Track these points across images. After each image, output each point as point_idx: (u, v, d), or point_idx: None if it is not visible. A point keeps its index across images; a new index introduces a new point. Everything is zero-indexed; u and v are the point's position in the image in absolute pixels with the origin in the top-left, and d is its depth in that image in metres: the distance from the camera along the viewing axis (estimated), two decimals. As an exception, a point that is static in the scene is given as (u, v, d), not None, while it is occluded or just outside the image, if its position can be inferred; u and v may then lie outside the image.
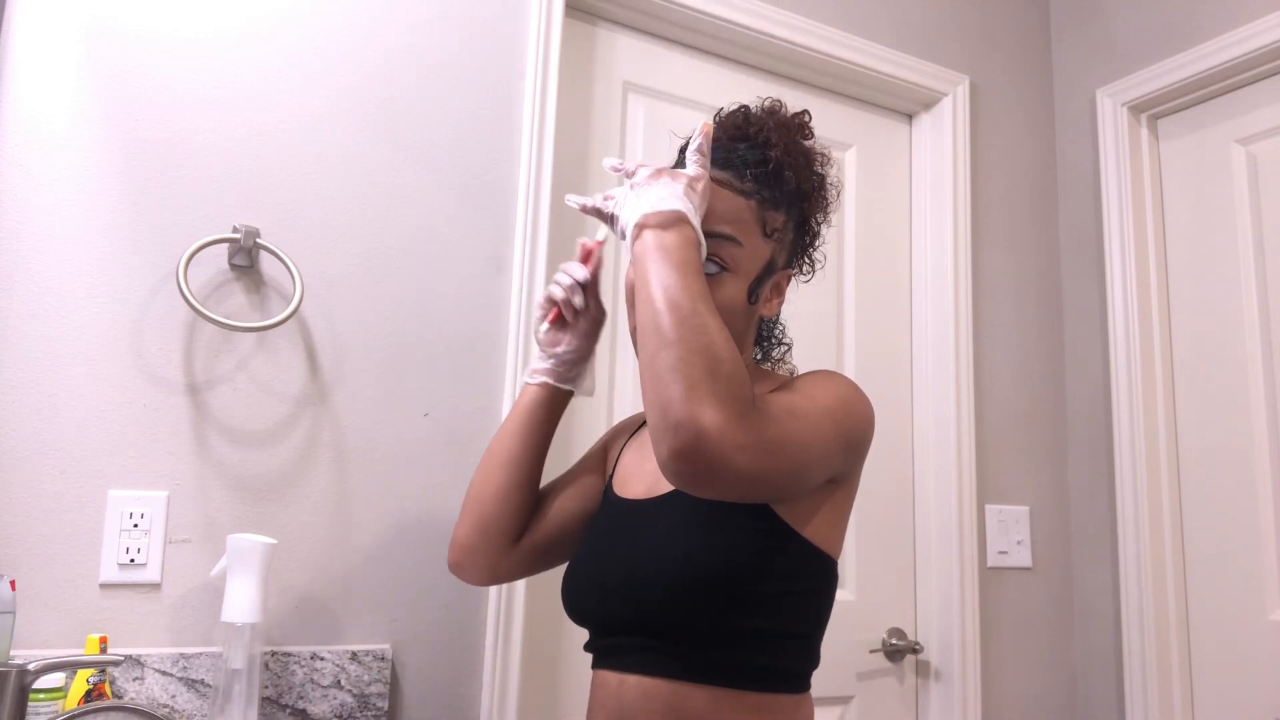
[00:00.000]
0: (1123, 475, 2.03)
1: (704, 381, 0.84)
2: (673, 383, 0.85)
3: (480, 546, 1.15)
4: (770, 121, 1.08)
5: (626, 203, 1.00)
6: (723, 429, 0.83)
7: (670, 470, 0.85)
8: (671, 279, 0.91)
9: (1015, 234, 2.21)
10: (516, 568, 1.18)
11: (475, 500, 1.16)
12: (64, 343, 1.26)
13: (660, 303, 0.89)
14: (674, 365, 0.85)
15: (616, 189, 1.03)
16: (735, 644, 0.97)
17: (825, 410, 0.97)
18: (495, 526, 1.15)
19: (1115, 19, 2.21)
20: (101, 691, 1.15)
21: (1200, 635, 1.94)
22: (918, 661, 1.99)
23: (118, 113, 1.33)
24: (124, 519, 1.26)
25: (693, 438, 0.83)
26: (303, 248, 1.42)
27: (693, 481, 0.86)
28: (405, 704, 1.41)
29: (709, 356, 0.86)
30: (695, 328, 0.88)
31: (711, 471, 0.84)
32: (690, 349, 0.86)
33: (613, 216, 1.02)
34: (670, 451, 0.84)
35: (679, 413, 0.83)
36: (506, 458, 1.16)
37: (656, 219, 0.95)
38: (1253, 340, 1.92)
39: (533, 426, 1.16)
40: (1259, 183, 1.95)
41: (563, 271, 1.15)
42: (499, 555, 1.16)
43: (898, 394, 2.08)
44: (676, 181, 0.98)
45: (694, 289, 0.91)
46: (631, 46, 1.85)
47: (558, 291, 1.14)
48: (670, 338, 0.87)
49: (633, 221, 0.97)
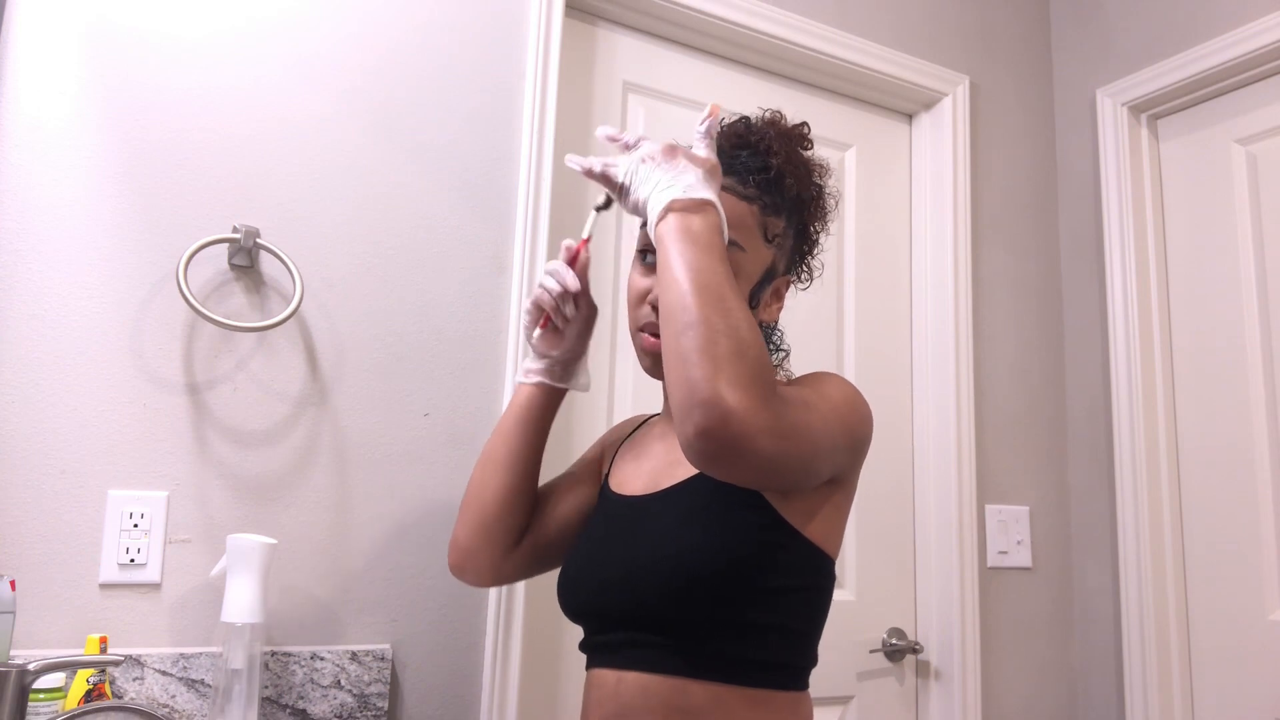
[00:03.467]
0: (1123, 475, 2.03)
1: (730, 362, 0.84)
2: (699, 362, 0.85)
3: (482, 549, 1.15)
4: (772, 131, 1.10)
5: (643, 177, 0.98)
6: (748, 410, 0.83)
7: (694, 449, 0.85)
8: (700, 261, 0.90)
9: (1015, 234, 2.21)
10: (518, 569, 1.18)
11: (475, 502, 1.15)
12: (64, 343, 1.26)
13: (687, 284, 0.89)
14: (700, 345, 0.85)
15: (619, 157, 1.01)
16: (735, 638, 0.97)
17: (833, 406, 0.98)
18: (497, 528, 1.14)
19: (1115, 19, 2.21)
20: (101, 691, 1.15)
21: (1200, 635, 1.94)
22: (918, 661, 1.99)
23: (118, 113, 1.33)
24: (124, 519, 1.26)
25: (720, 416, 0.83)
26: (303, 248, 1.42)
27: (715, 460, 0.85)
28: (405, 704, 1.41)
29: (735, 339, 0.86)
30: (722, 310, 0.88)
31: (735, 452, 0.84)
32: (716, 330, 0.86)
33: (623, 187, 1.00)
34: (696, 430, 0.84)
35: (705, 392, 0.83)
36: (505, 459, 1.15)
37: (686, 204, 0.94)
38: (1253, 340, 1.92)
39: (529, 426, 1.16)
40: (1259, 183, 1.95)
41: (550, 276, 1.12)
42: (501, 557, 1.15)
43: (898, 394, 2.08)
44: (697, 166, 0.97)
45: (721, 272, 0.90)
46: (631, 46, 1.85)
47: (546, 300, 1.12)
48: (697, 318, 0.87)
49: (659, 204, 0.95)
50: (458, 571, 1.17)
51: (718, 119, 1.01)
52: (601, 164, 1.01)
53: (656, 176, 0.96)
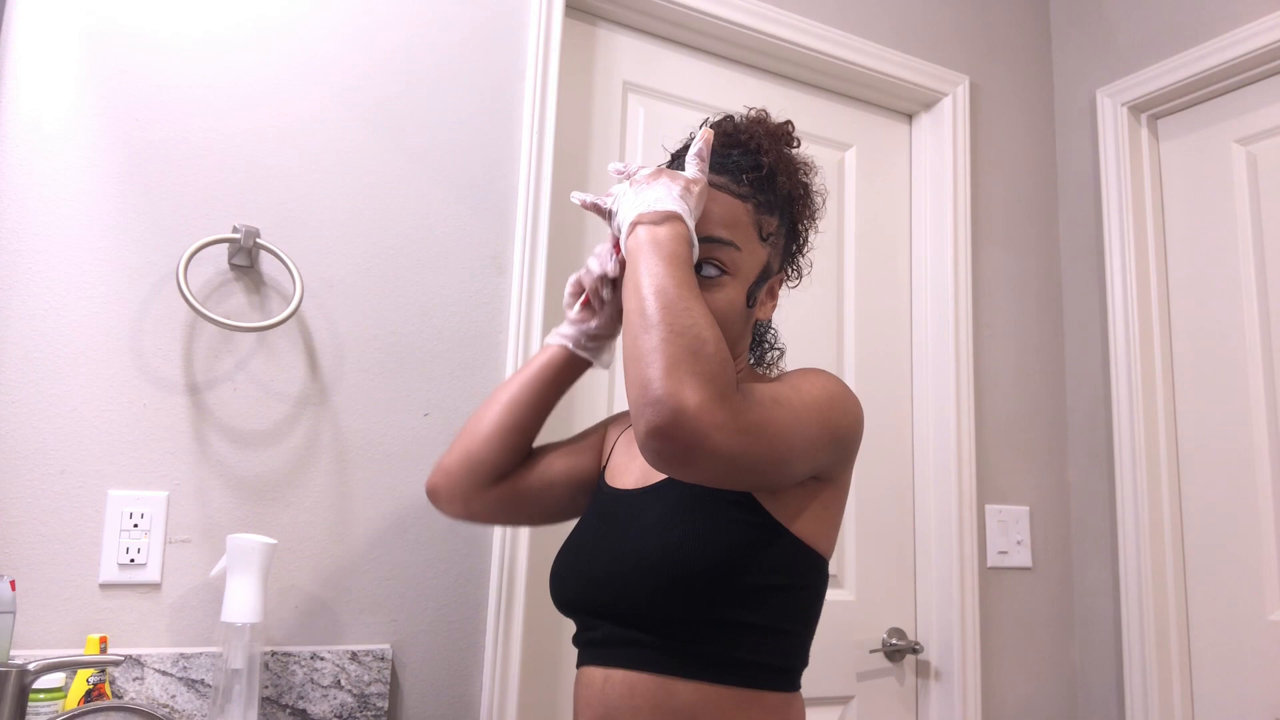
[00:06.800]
0: (1123, 475, 2.03)
1: (685, 361, 0.85)
2: (654, 361, 0.85)
3: (460, 474, 1.15)
4: (760, 129, 1.11)
5: (624, 200, 1.01)
6: (701, 407, 0.83)
7: (648, 449, 0.85)
8: (659, 269, 0.92)
9: (1015, 234, 2.21)
10: (488, 508, 1.17)
11: (467, 432, 1.16)
12: (64, 343, 1.26)
13: (646, 290, 0.91)
14: (656, 345, 0.86)
15: (617, 186, 1.05)
16: (721, 637, 0.97)
17: (810, 402, 0.97)
18: (480, 459, 1.15)
19: (1115, 19, 2.21)
20: (101, 691, 1.15)
21: (1200, 635, 1.94)
22: (918, 661, 1.99)
23: (118, 113, 1.33)
24: (124, 519, 1.26)
25: (671, 414, 0.83)
26: (303, 248, 1.42)
27: (670, 459, 0.85)
28: (405, 704, 1.42)
29: (691, 338, 0.87)
30: (679, 312, 0.89)
31: (689, 450, 0.84)
32: (673, 330, 0.87)
33: (610, 213, 1.04)
34: (648, 428, 0.84)
35: (658, 390, 0.84)
36: (508, 399, 1.16)
37: (650, 217, 0.96)
38: (1253, 340, 1.92)
39: (543, 380, 1.16)
40: (1259, 183, 1.95)
41: (595, 258, 1.12)
42: (476, 489, 1.15)
43: (897, 394, 2.08)
44: (675, 183, 0.99)
45: (681, 279, 0.92)
46: (631, 46, 1.85)
47: (587, 279, 1.12)
48: (654, 321, 0.88)
49: (628, 220, 0.98)
50: (432, 493, 1.17)
51: (710, 144, 1.03)
52: (593, 198, 1.06)
53: (633, 198, 1.00)
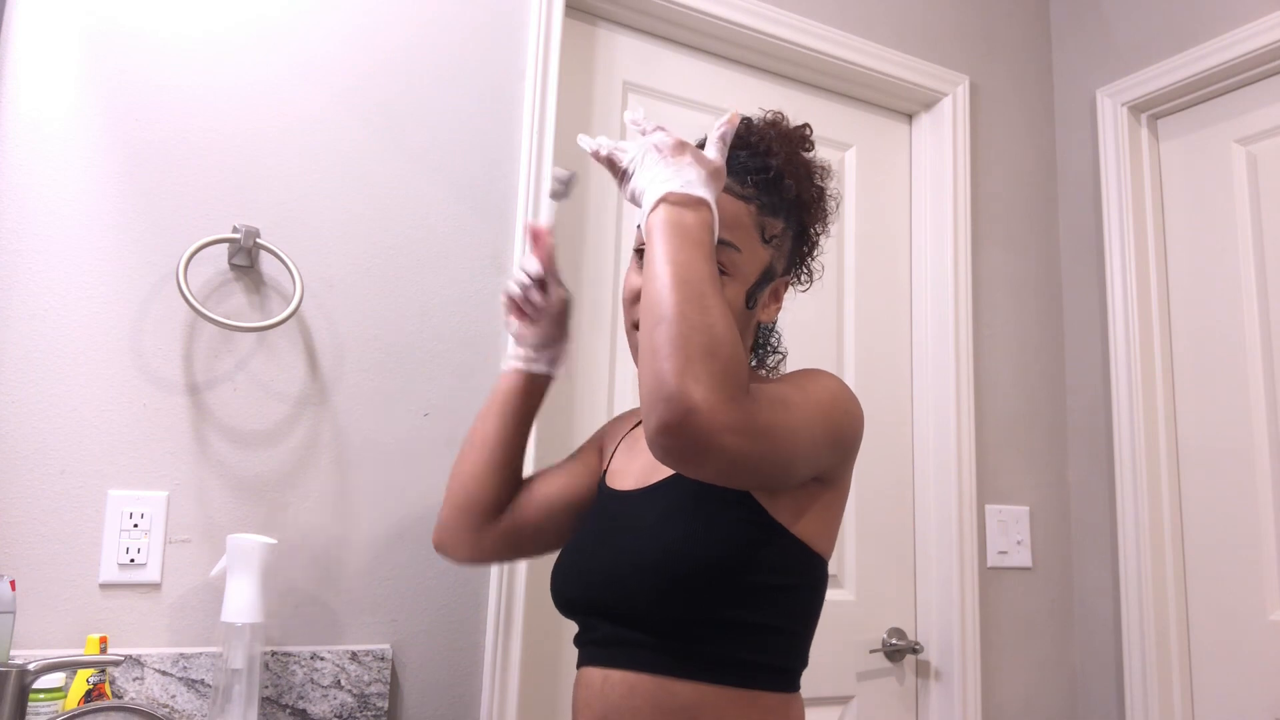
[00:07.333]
0: (1123, 475, 2.03)
1: (701, 359, 0.84)
2: (669, 357, 0.84)
3: (457, 522, 1.17)
4: (772, 132, 1.10)
5: (645, 165, 0.97)
6: (714, 408, 0.83)
7: (657, 445, 0.85)
8: (684, 257, 0.90)
9: (1015, 234, 2.21)
10: (497, 547, 1.18)
11: (454, 481, 1.18)
12: (64, 343, 1.26)
13: (668, 277, 0.89)
14: (673, 339, 0.85)
15: (628, 142, 1.01)
16: (721, 637, 0.97)
17: (815, 404, 0.97)
18: (470, 504, 1.16)
19: (1115, 19, 2.21)
20: (101, 691, 1.15)
21: (1200, 635, 1.94)
22: (918, 661, 1.99)
23: (118, 113, 1.33)
24: (124, 519, 1.26)
25: (683, 413, 0.82)
26: (303, 248, 1.42)
27: (678, 457, 0.86)
28: (405, 704, 1.41)
29: (709, 336, 0.86)
30: (700, 307, 0.87)
31: (698, 449, 0.84)
32: (692, 326, 0.86)
33: (625, 173, 0.99)
34: (659, 424, 0.84)
35: (672, 387, 0.83)
36: (481, 439, 1.17)
37: (680, 198, 0.93)
38: (1253, 340, 1.92)
39: (507, 411, 1.17)
40: (1259, 183, 1.95)
41: (519, 268, 1.16)
42: (476, 532, 1.16)
43: (898, 394, 2.08)
44: (701, 167, 0.96)
45: (704, 270, 0.90)
46: (631, 46, 1.85)
47: (515, 290, 1.15)
48: (673, 313, 0.87)
49: (655, 195, 0.94)
50: (439, 548, 1.20)
51: (735, 126, 1.00)
52: (610, 147, 1.01)
53: (658, 169, 0.96)
